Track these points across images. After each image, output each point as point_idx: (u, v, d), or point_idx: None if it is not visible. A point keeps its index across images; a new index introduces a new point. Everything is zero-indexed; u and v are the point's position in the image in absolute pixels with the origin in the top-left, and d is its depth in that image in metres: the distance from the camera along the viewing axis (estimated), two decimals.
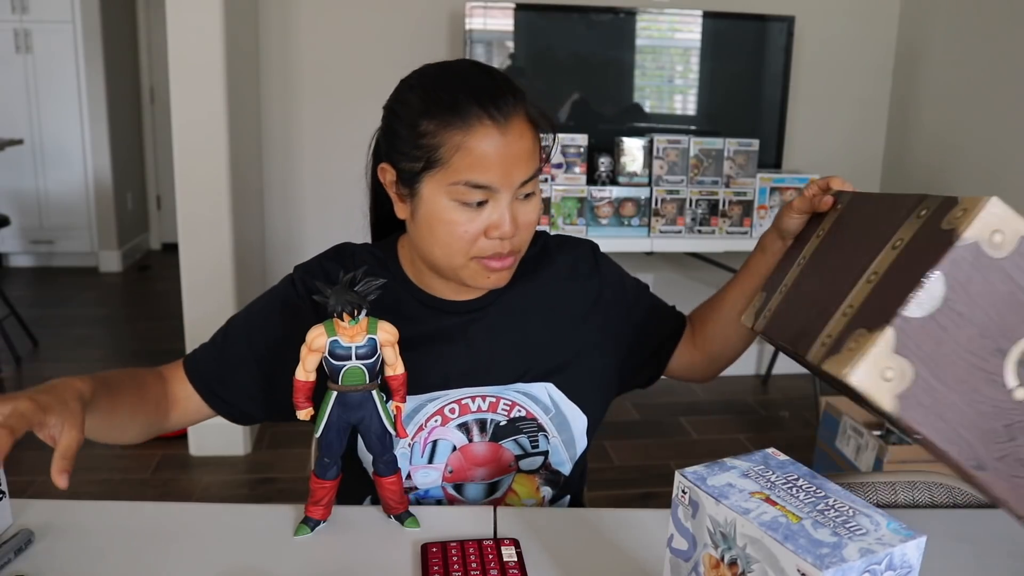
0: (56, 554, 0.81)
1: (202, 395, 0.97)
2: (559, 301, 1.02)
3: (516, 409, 0.97)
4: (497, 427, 0.97)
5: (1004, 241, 0.59)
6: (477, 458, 0.97)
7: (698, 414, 2.99)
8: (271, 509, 0.90)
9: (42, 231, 4.82)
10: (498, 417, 0.97)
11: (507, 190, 0.86)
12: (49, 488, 0.69)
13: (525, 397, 0.97)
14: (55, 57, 4.57)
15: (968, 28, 2.82)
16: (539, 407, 0.98)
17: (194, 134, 2.40)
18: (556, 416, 0.98)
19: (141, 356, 3.50)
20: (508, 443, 0.98)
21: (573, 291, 1.04)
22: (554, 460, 1.00)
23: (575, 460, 1.01)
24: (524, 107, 0.88)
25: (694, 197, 2.69)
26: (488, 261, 0.90)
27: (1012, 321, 0.59)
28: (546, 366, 0.99)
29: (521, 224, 0.89)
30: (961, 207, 0.61)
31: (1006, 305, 0.59)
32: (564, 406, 0.99)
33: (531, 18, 2.83)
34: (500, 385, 0.97)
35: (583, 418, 1.00)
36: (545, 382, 0.98)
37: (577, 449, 1.01)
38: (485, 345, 0.98)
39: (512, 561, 0.78)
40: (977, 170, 2.76)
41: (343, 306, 0.78)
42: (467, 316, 0.98)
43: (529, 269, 1.01)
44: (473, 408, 0.96)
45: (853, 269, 0.68)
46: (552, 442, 0.99)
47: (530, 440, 0.98)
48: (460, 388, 0.96)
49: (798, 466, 0.62)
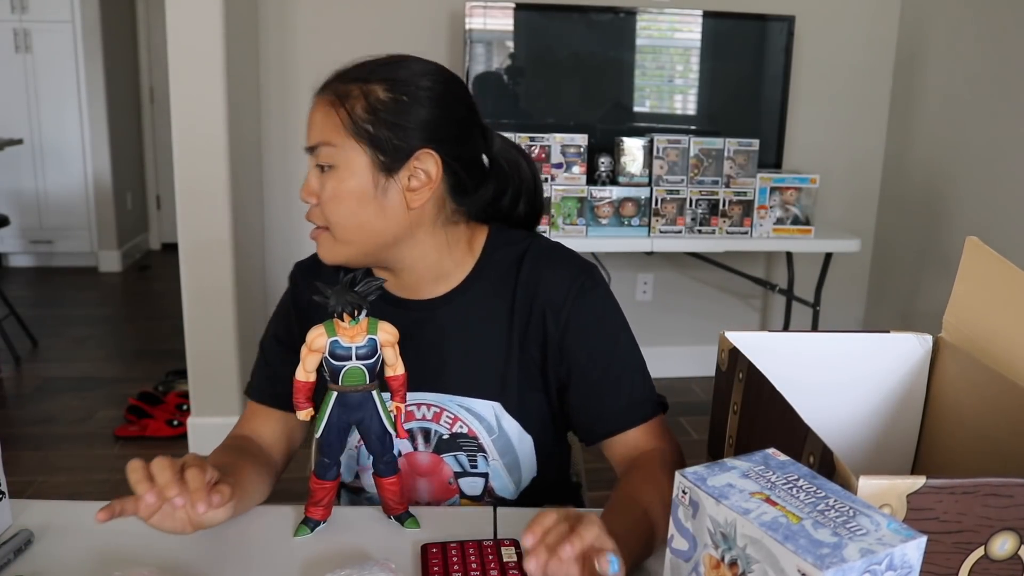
0: (56, 554, 0.81)
1: (278, 406, 1.00)
2: (520, 316, 0.95)
3: (458, 424, 0.96)
4: (440, 439, 0.97)
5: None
6: (420, 467, 0.98)
7: (698, 414, 2.99)
8: (271, 509, 0.90)
9: (42, 231, 4.82)
10: (441, 429, 0.96)
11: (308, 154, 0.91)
12: (49, 488, 0.69)
13: (468, 413, 0.96)
14: (55, 57, 4.57)
15: (968, 28, 2.81)
16: (482, 426, 0.96)
17: (194, 134, 2.40)
18: (499, 438, 0.96)
19: (141, 356, 3.50)
20: (449, 457, 0.98)
21: (535, 312, 0.95)
22: (496, 485, 0.98)
23: (521, 486, 0.98)
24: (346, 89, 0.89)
25: (694, 197, 2.69)
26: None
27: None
28: (493, 381, 0.95)
29: (323, 199, 0.89)
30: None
31: None
32: (509, 427, 0.96)
33: (531, 18, 2.82)
34: (445, 394, 0.96)
35: (530, 440, 0.97)
36: (491, 400, 0.95)
37: (523, 474, 0.98)
38: (433, 348, 0.96)
39: (512, 561, 0.79)
40: (977, 170, 2.76)
41: (343, 306, 0.78)
42: (418, 314, 0.96)
43: (497, 273, 0.97)
44: (418, 416, 0.96)
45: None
46: (492, 465, 0.97)
47: (469, 459, 0.97)
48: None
49: (798, 466, 0.62)
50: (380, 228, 0.90)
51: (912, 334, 0.89)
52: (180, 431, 2.65)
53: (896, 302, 3.23)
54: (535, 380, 0.96)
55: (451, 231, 0.96)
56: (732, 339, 0.85)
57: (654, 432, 0.95)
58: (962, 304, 0.85)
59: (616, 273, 3.24)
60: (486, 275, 0.97)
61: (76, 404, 2.96)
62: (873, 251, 3.36)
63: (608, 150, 2.73)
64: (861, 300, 3.44)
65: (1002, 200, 2.64)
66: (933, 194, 2.98)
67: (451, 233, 0.96)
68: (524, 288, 0.95)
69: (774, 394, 0.73)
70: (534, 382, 0.96)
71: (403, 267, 0.95)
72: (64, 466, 2.45)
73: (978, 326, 0.83)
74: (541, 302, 0.94)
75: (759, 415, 0.78)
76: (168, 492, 0.71)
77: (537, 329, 0.95)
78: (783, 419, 0.70)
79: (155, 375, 3.14)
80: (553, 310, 0.94)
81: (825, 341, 0.89)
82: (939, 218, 2.94)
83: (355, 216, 0.89)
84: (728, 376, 0.84)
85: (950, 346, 0.87)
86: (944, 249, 2.91)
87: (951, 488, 0.58)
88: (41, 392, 3.09)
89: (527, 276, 0.95)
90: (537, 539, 0.66)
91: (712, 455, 0.87)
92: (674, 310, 3.34)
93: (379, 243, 0.91)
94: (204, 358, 2.54)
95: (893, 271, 3.25)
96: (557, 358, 0.95)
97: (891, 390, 0.90)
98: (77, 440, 2.65)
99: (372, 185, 0.88)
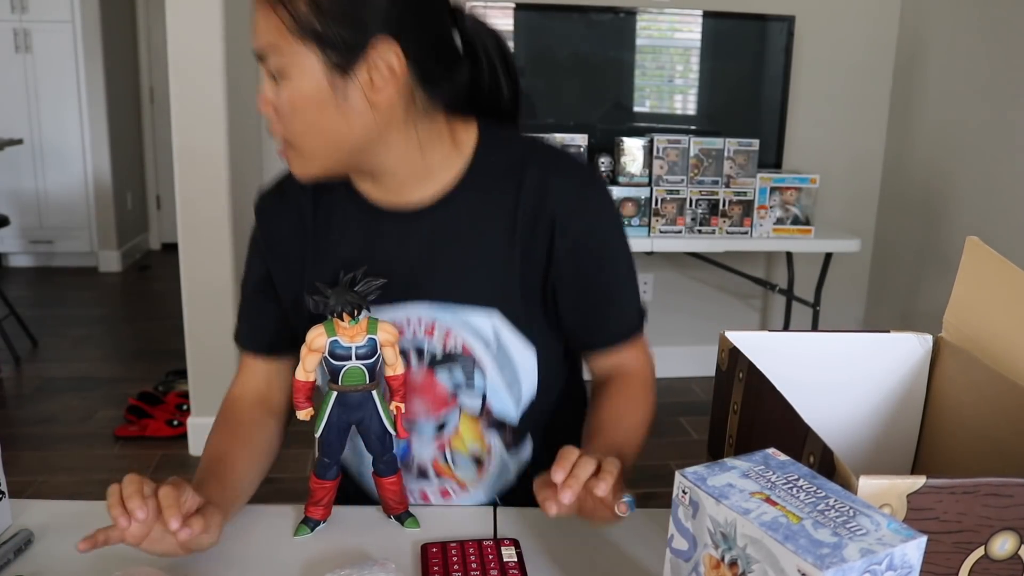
0: (56, 554, 0.81)
1: (271, 354, 0.99)
2: (524, 223, 0.89)
3: (452, 338, 0.90)
4: (433, 356, 0.91)
5: None
6: (414, 386, 0.92)
7: (698, 414, 2.99)
8: (271, 509, 0.90)
9: (42, 231, 4.82)
10: (434, 345, 0.90)
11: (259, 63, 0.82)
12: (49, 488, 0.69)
13: (464, 327, 0.90)
14: (55, 57, 4.57)
15: (968, 28, 2.81)
16: (479, 340, 0.90)
17: (194, 134, 2.40)
18: (499, 352, 0.90)
19: (141, 356, 3.50)
20: (443, 374, 0.91)
21: (541, 220, 0.89)
22: (494, 404, 0.92)
23: (522, 405, 0.93)
24: None
25: (694, 197, 2.69)
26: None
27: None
28: (492, 288, 0.90)
29: (280, 112, 0.82)
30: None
31: None
32: (508, 339, 0.90)
33: (531, 18, 2.82)
34: (439, 302, 0.89)
35: (531, 353, 0.91)
36: (489, 308, 0.89)
37: (523, 391, 0.92)
38: (426, 256, 0.90)
39: (512, 561, 0.78)
40: (977, 170, 2.76)
41: (343, 306, 0.78)
42: (404, 224, 0.90)
43: (493, 178, 0.90)
44: (408, 332, 0.90)
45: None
46: (490, 382, 0.91)
47: (465, 375, 0.91)
48: (394, 304, 0.90)
49: (798, 466, 0.62)
50: (346, 134, 0.82)
51: (912, 334, 0.89)
52: (180, 431, 2.65)
53: (896, 302, 3.23)
54: (536, 291, 0.91)
55: (428, 126, 0.87)
56: (732, 339, 0.85)
57: (639, 347, 0.97)
58: (962, 304, 0.85)
59: None
60: (481, 179, 0.90)
61: (76, 404, 2.96)
62: (873, 251, 3.36)
63: (608, 150, 2.73)
64: (861, 300, 3.44)
65: (1002, 200, 2.64)
66: (933, 194, 2.98)
67: (429, 128, 0.87)
68: (530, 194, 0.89)
69: (774, 394, 0.73)
70: (535, 293, 0.91)
71: (383, 172, 0.88)
72: (64, 466, 2.45)
73: (978, 326, 0.83)
74: (550, 211, 0.89)
75: (759, 415, 0.78)
76: (130, 504, 0.71)
77: (544, 238, 0.89)
78: (783, 419, 0.70)
79: (155, 375, 3.14)
80: (563, 220, 0.89)
81: (825, 341, 0.89)
82: (939, 218, 2.94)
83: (316, 126, 0.82)
84: (728, 376, 0.84)
85: (950, 346, 0.87)
86: (944, 249, 2.91)
87: (951, 488, 0.58)
88: (41, 392, 3.09)
89: (533, 182, 0.89)
90: (567, 473, 0.71)
91: (712, 455, 0.87)
92: (674, 310, 3.34)
93: (349, 151, 0.84)
94: (204, 358, 2.54)
95: (893, 271, 3.25)
96: (560, 268, 0.90)
97: (891, 390, 0.90)
98: (77, 440, 2.65)
99: (329, 89, 0.80)
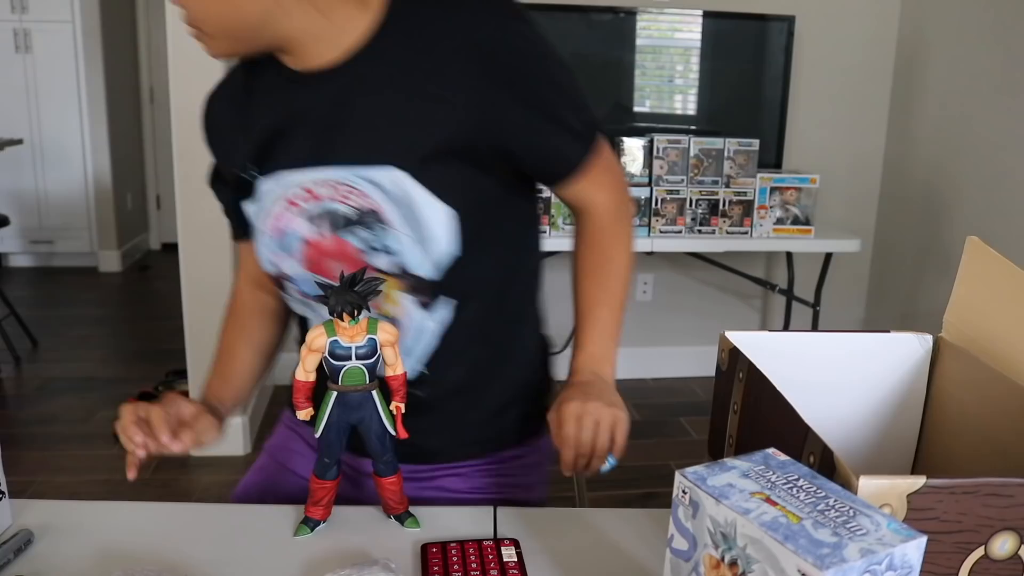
0: (56, 554, 0.81)
1: (245, 238, 1.02)
2: (439, 71, 0.84)
3: (357, 197, 0.87)
4: (344, 219, 0.88)
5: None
6: (327, 251, 0.90)
7: (698, 414, 2.99)
8: (271, 509, 0.90)
9: (42, 231, 4.82)
10: (345, 209, 0.88)
11: None
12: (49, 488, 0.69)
13: (369, 184, 0.86)
14: (55, 57, 4.57)
15: (968, 28, 2.81)
16: (385, 196, 0.86)
17: (194, 134, 2.38)
18: (407, 210, 0.86)
19: (141, 356, 3.50)
20: (352, 237, 0.88)
21: (456, 62, 0.84)
22: (409, 262, 0.88)
23: (442, 265, 0.88)
24: None
25: (694, 197, 2.69)
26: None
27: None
28: (396, 145, 0.86)
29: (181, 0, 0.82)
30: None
31: None
32: (416, 196, 0.85)
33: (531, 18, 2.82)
34: (344, 166, 0.87)
35: (446, 212, 0.86)
36: (391, 167, 0.85)
37: (440, 249, 0.87)
38: (335, 119, 0.88)
39: (512, 561, 0.78)
40: (977, 169, 2.76)
41: (343, 306, 0.78)
42: (314, 88, 0.88)
43: (404, 31, 0.86)
44: (317, 195, 0.88)
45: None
46: (401, 239, 0.87)
47: (374, 234, 0.87)
48: (305, 168, 0.88)
49: (798, 466, 0.62)
50: (236, 11, 0.82)
51: (912, 334, 0.89)
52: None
53: (896, 302, 3.23)
54: (456, 143, 0.86)
55: None
56: (732, 339, 0.85)
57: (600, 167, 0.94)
58: (963, 304, 0.86)
59: None
60: (393, 33, 0.86)
61: (76, 404, 2.96)
62: (873, 251, 3.36)
63: None
64: (861, 300, 3.44)
65: (1002, 200, 2.64)
66: (933, 194, 2.98)
67: None
68: (447, 38, 0.85)
69: (774, 394, 0.73)
70: (455, 146, 0.86)
71: (291, 41, 0.86)
72: (64, 466, 2.44)
73: (979, 326, 0.83)
74: (466, 51, 0.84)
75: (759, 415, 0.78)
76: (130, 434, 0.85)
77: (461, 80, 0.84)
78: (783, 419, 0.70)
79: (155, 375, 3.14)
80: (481, 57, 0.84)
81: (825, 341, 0.89)
82: (939, 218, 2.94)
83: (208, 7, 0.82)
84: (728, 376, 0.84)
85: (950, 346, 0.87)
86: (944, 249, 2.91)
87: (951, 488, 0.58)
88: (41, 392, 3.09)
89: (448, 24, 0.85)
90: (574, 463, 0.86)
91: (712, 455, 0.87)
92: (674, 310, 3.34)
93: (247, 27, 0.83)
94: (204, 358, 2.53)
95: (893, 271, 3.25)
96: (494, 107, 0.85)
97: (891, 390, 0.90)
98: (77, 440, 2.65)
99: None
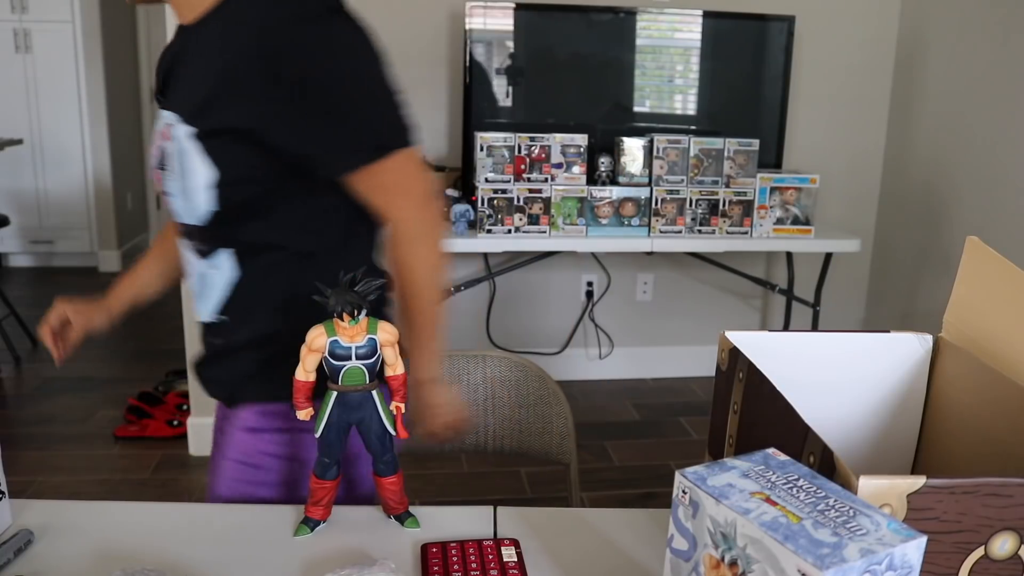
0: (56, 554, 0.81)
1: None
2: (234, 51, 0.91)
3: (166, 141, 0.98)
4: (160, 156, 1.00)
5: None
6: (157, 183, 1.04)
7: (698, 414, 2.99)
8: (271, 509, 0.90)
9: (42, 231, 4.82)
10: (164, 146, 0.99)
11: None
12: (49, 488, 0.69)
13: (173, 135, 0.96)
14: (55, 57, 4.57)
15: (968, 27, 2.81)
16: (173, 149, 0.96)
17: None
18: (179, 161, 0.95)
19: (140, 356, 3.50)
20: (161, 172, 1.01)
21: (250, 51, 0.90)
22: (177, 208, 1.00)
23: (199, 216, 0.97)
24: None
25: (694, 197, 2.69)
26: None
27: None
28: (192, 104, 0.94)
29: None
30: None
31: None
32: (187, 150, 0.94)
33: (531, 18, 2.82)
34: (173, 112, 0.97)
35: (206, 167, 0.94)
36: (183, 123, 0.94)
37: (196, 205, 0.96)
38: (182, 70, 1.00)
39: (512, 561, 0.78)
40: (977, 170, 2.76)
41: (343, 306, 0.78)
42: (182, 39, 1.01)
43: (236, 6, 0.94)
44: (163, 132, 0.99)
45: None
46: (173, 187, 0.98)
47: (164, 175, 0.99)
48: (162, 111, 1.00)
49: (798, 466, 0.62)
50: None
51: (912, 334, 0.89)
52: (180, 431, 2.65)
53: (896, 302, 3.23)
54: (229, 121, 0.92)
55: None
56: (732, 339, 0.85)
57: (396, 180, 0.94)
58: (962, 304, 0.86)
59: (616, 273, 3.24)
60: (226, 7, 0.95)
61: (76, 404, 2.96)
62: (873, 251, 3.36)
63: (608, 150, 2.73)
64: (861, 300, 3.44)
65: (1002, 200, 2.64)
66: (933, 194, 2.98)
67: None
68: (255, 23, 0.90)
69: (774, 394, 0.73)
70: (228, 123, 0.92)
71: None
72: (64, 466, 2.45)
73: (978, 326, 0.83)
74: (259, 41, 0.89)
75: (759, 415, 0.78)
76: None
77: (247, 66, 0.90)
78: (783, 419, 0.70)
79: (154, 375, 3.14)
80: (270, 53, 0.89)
81: (825, 341, 0.89)
82: (939, 218, 2.94)
83: None
84: (728, 376, 0.84)
85: (950, 346, 0.87)
86: (944, 249, 2.91)
87: (951, 488, 0.58)
88: (41, 392, 3.09)
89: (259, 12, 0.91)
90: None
91: (712, 455, 0.87)
92: (674, 310, 3.34)
93: None
94: None
95: (893, 271, 3.25)
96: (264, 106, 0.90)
97: (891, 390, 0.90)
98: (77, 440, 2.65)
99: None
